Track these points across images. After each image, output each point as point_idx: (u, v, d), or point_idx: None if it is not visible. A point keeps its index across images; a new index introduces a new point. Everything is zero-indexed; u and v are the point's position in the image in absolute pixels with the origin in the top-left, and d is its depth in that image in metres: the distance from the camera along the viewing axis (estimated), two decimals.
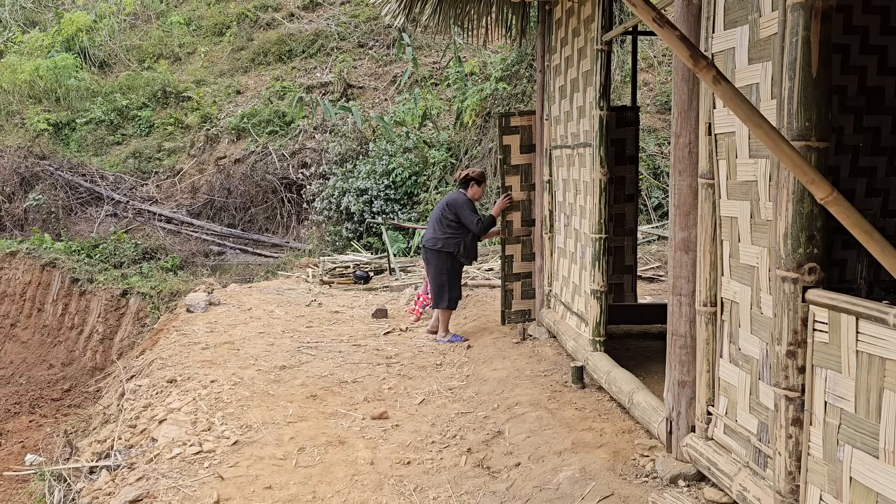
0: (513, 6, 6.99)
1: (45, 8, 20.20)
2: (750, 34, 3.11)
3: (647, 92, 14.19)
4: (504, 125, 6.97)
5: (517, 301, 7.20)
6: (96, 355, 11.19)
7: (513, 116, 7.05)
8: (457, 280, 7.12)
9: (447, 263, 7.00)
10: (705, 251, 3.49)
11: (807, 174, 2.16)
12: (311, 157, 14.29)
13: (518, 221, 7.09)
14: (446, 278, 7.03)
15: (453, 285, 7.06)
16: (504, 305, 7.17)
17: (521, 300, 7.22)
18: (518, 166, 7.03)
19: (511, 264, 7.13)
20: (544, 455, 4.04)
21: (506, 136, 6.98)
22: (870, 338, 2.34)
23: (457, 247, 6.96)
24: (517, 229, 7.10)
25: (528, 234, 7.06)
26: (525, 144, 7.00)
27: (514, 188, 7.03)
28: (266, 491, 3.92)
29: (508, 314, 7.21)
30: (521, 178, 7.06)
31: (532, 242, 7.07)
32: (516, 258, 7.14)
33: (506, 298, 7.18)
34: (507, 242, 7.09)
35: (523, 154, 7.02)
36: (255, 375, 5.86)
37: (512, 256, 7.12)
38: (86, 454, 5.12)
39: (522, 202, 7.07)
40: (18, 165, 14.38)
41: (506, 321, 7.17)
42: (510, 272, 7.11)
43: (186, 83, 16.86)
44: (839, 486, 2.49)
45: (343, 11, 17.92)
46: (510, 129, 6.97)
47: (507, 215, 7.04)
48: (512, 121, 7.01)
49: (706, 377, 3.54)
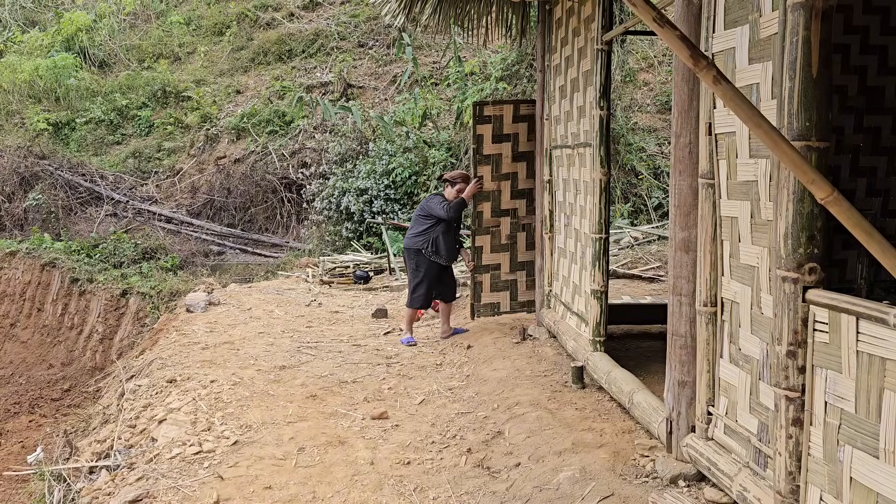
0: (513, 6, 6.99)
1: (44, 8, 20.19)
2: (750, 34, 3.10)
3: (647, 92, 14.19)
4: (478, 114, 6.86)
5: (486, 293, 7.12)
6: (96, 355, 11.19)
7: (486, 105, 6.96)
8: (428, 280, 6.94)
9: (416, 261, 6.93)
10: (705, 251, 3.49)
11: (807, 174, 2.16)
12: (311, 156, 14.28)
13: (488, 212, 6.99)
14: (412, 276, 6.99)
15: (421, 284, 6.94)
16: (473, 298, 7.11)
17: (490, 293, 7.13)
18: (490, 156, 6.93)
19: (480, 256, 7.04)
20: (544, 455, 4.03)
21: (479, 126, 6.87)
22: (870, 338, 2.33)
23: (426, 244, 6.84)
24: (487, 220, 7.00)
25: (498, 224, 7.00)
26: (497, 134, 6.91)
27: (486, 178, 6.93)
28: (266, 491, 3.92)
29: (477, 307, 7.13)
30: (492, 167, 6.95)
31: (501, 233, 7.03)
32: (486, 249, 7.04)
33: (475, 291, 7.10)
34: (477, 234, 6.99)
35: (495, 144, 6.93)
36: (254, 375, 5.86)
37: (482, 248, 7.02)
38: (86, 454, 5.12)
39: (493, 192, 6.97)
40: (18, 165, 14.37)
41: (475, 315, 7.12)
42: (479, 264, 7.03)
43: (186, 83, 16.85)
44: (839, 486, 2.49)
45: (343, 11, 17.91)
46: (483, 119, 6.87)
47: (478, 205, 6.93)
48: (485, 110, 6.90)
49: (706, 377, 3.53)
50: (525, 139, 7.01)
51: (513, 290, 7.21)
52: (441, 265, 6.95)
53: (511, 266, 7.16)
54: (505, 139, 6.95)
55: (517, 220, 7.10)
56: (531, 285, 7.17)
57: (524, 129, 6.98)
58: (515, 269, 7.17)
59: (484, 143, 6.90)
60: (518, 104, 7.01)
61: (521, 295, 7.23)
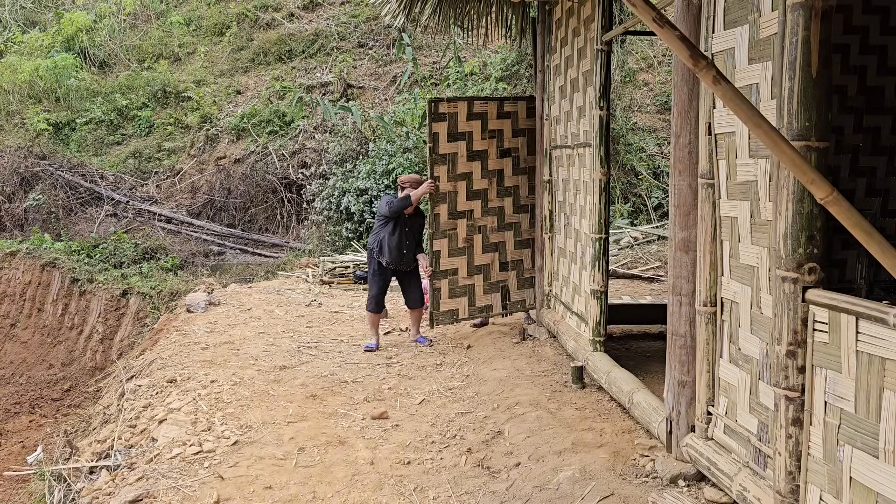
0: (513, 6, 6.99)
1: (45, 8, 20.18)
2: (750, 34, 3.11)
3: (646, 92, 14.20)
4: (433, 111, 6.58)
5: (445, 300, 6.78)
6: (96, 355, 11.19)
7: (441, 102, 6.65)
8: (378, 282, 6.75)
9: (369, 262, 6.81)
10: (705, 251, 3.49)
11: (807, 174, 2.16)
12: (311, 157, 14.28)
13: (445, 214, 6.70)
14: (369, 277, 6.86)
15: (371, 286, 6.78)
16: (433, 306, 6.78)
17: (448, 299, 6.80)
18: (445, 155, 6.66)
19: (438, 260, 6.71)
20: (544, 455, 4.04)
21: (435, 123, 6.59)
22: (870, 338, 2.34)
23: (374, 243, 6.67)
24: (444, 223, 6.70)
25: (455, 227, 6.73)
26: (451, 133, 6.65)
27: (442, 179, 6.64)
28: (266, 491, 3.92)
29: (437, 315, 6.77)
30: (447, 167, 6.68)
31: (458, 236, 6.76)
32: (443, 254, 6.71)
33: (434, 298, 6.77)
34: (435, 237, 6.68)
35: (450, 143, 6.66)
36: (255, 375, 5.86)
37: (439, 252, 6.69)
38: (86, 454, 5.12)
39: (449, 193, 6.69)
40: (18, 165, 14.37)
41: (434, 324, 6.79)
42: (437, 269, 6.71)
43: (186, 83, 16.85)
44: (839, 485, 2.49)
45: (343, 11, 17.91)
46: (439, 116, 6.59)
47: (435, 208, 6.65)
48: (440, 107, 6.61)
49: (706, 377, 3.54)
50: (479, 137, 6.78)
51: (471, 296, 6.92)
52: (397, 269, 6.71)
53: (468, 270, 6.87)
54: (460, 137, 6.70)
55: (473, 221, 6.84)
56: (489, 289, 6.96)
57: (478, 127, 6.76)
58: (472, 273, 6.89)
59: (440, 141, 6.64)
60: (472, 101, 6.77)
61: (478, 300, 6.95)
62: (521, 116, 6.98)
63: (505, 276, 7.05)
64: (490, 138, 6.86)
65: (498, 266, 7.00)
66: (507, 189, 7.00)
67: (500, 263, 7.01)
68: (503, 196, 6.98)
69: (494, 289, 7.02)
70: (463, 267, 6.85)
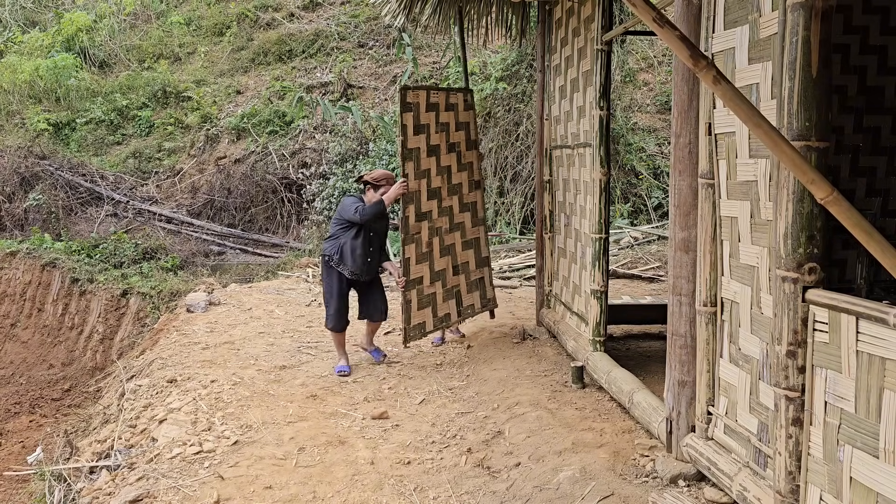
0: (513, 6, 6.99)
1: (45, 8, 20.18)
2: (750, 34, 3.11)
3: (646, 92, 14.20)
4: (402, 100, 5.81)
5: (416, 312, 5.98)
6: (96, 355, 11.18)
7: (409, 91, 5.86)
8: (338, 295, 5.90)
9: (324, 272, 5.96)
10: (705, 251, 3.49)
11: (807, 174, 2.16)
12: (311, 157, 14.28)
13: (413, 216, 5.92)
14: (325, 290, 5.96)
15: (331, 300, 5.91)
16: (405, 321, 5.96)
17: (418, 311, 6.01)
18: (412, 150, 5.87)
19: (409, 269, 5.91)
20: (544, 455, 4.04)
21: (405, 114, 5.81)
22: (870, 338, 2.34)
23: (333, 250, 5.83)
24: (413, 226, 5.92)
25: (419, 231, 5.99)
26: (416, 125, 5.89)
27: (410, 177, 5.85)
28: (266, 491, 3.92)
29: (409, 331, 5.96)
30: (414, 164, 5.90)
31: (421, 240, 6.03)
32: (412, 261, 5.93)
33: (406, 311, 5.93)
34: (405, 242, 5.89)
35: (415, 136, 5.89)
36: (255, 375, 5.86)
37: (409, 259, 5.90)
38: (86, 454, 5.12)
39: (416, 193, 5.94)
40: (18, 165, 14.36)
41: (407, 340, 5.99)
42: (409, 278, 5.91)
43: (186, 83, 16.84)
44: (839, 486, 2.49)
45: (343, 11, 17.91)
46: (406, 106, 5.81)
47: (405, 210, 5.86)
48: (408, 96, 5.83)
49: (706, 377, 3.54)
50: (434, 131, 6.09)
51: (433, 306, 6.20)
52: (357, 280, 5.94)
53: (431, 277, 6.15)
54: (422, 130, 5.97)
55: (432, 223, 6.15)
56: (446, 296, 6.32)
57: (433, 119, 6.08)
58: (434, 279, 6.19)
59: (408, 134, 5.85)
60: (429, 91, 6.04)
61: (439, 309, 6.24)
62: (459, 109, 6.39)
63: (457, 280, 6.45)
64: (441, 132, 6.19)
65: (451, 270, 6.39)
66: (454, 187, 6.37)
67: (452, 267, 6.40)
68: (452, 195, 6.34)
69: (450, 295, 6.39)
70: (427, 275, 6.13)
